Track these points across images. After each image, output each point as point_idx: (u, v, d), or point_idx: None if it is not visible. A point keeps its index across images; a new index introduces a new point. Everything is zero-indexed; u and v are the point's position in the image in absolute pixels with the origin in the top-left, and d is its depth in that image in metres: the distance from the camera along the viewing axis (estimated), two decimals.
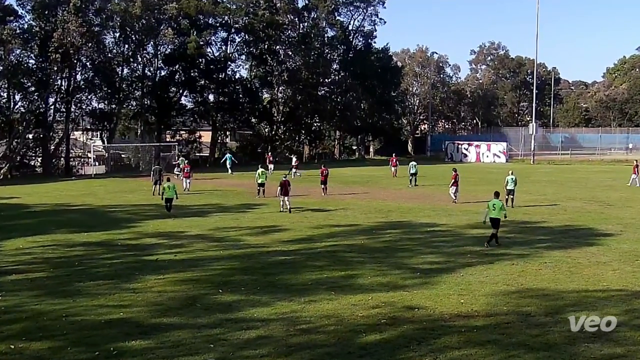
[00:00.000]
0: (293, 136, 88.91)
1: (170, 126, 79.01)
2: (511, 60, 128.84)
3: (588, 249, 21.07)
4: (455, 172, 35.02)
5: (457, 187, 34.41)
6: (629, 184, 43.93)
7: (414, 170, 44.07)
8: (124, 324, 13.24)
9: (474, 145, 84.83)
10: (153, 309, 14.36)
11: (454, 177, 34.56)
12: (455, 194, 34.33)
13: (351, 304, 14.62)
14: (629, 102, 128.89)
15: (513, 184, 32.45)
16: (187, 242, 22.95)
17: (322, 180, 38.40)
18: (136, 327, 13.07)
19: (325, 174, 38.47)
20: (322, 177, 38.45)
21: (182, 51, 71.61)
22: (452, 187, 34.44)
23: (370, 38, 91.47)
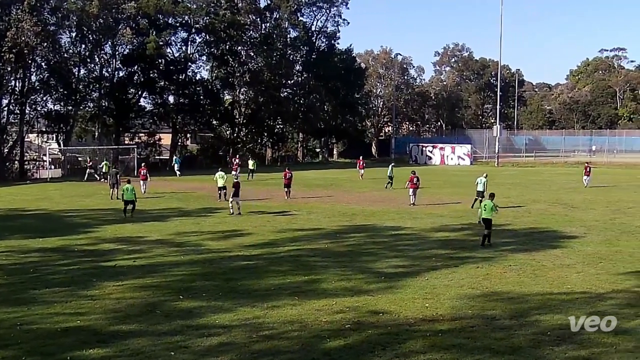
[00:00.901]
0: (255, 138, 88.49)
1: (129, 128, 77.83)
2: (475, 62, 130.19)
3: (552, 252, 21.13)
4: (413, 175, 34.93)
5: (415, 189, 34.31)
6: (585, 186, 44.62)
7: (390, 173, 43.85)
8: (80, 332, 12.83)
9: (439, 148, 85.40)
10: (111, 317, 13.95)
11: (411, 179, 34.52)
12: (413, 197, 34.30)
13: (315, 309, 14.39)
14: (592, 104, 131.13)
15: (482, 186, 32.50)
16: (147, 247, 22.49)
17: (285, 184, 37.96)
18: (94, 335, 12.67)
19: (288, 177, 38.07)
20: (286, 180, 38.00)
21: (141, 51, 70.64)
22: (410, 189, 34.34)
23: (333, 39, 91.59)
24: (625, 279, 17.26)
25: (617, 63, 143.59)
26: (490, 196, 23.17)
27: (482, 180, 32.70)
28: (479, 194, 32.22)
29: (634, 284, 16.64)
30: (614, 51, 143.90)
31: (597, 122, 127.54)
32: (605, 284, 16.69)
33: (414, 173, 35.41)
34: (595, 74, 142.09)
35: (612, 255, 20.52)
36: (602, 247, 21.92)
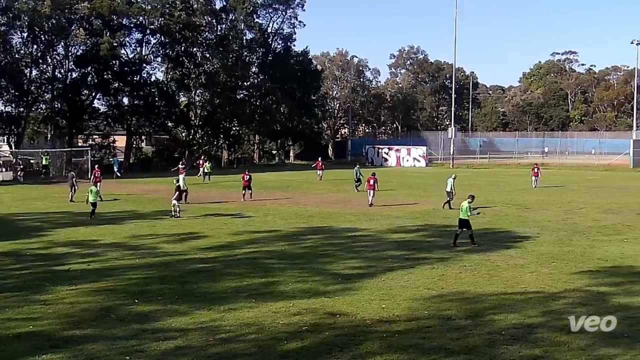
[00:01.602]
0: (211, 140, 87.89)
1: (83, 130, 76.57)
2: (430, 64, 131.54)
3: (506, 252, 21.43)
4: (371, 176, 35.17)
5: (372, 190, 34.59)
6: (534, 186, 45.39)
7: (357, 175, 43.82)
8: (33, 338, 12.58)
9: (394, 150, 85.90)
10: (65, 321, 13.71)
11: (368, 180, 34.91)
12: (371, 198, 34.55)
13: (272, 311, 14.35)
14: (544, 106, 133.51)
15: (450, 186, 33.31)
16: (101, 250, 22.16)
17: (244, 185, 37.84)
18: (47, 340, 12.44)
19: (247, 178, 37.98)
20: (244, 182, 37.85)
21: (94, 52, 69.55)
22: (368, 190, 34.55)
23: (289, 41, 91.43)
24: (577, 278, 17.58)
25: (568, 66, 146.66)
26: (470, 197, 23.38)
27: (450, 182, 33.20)
28: (447, 194, 32.73)
29: (586, 283, 16.97)
30: (565, 54, 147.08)
31: (550, 124, 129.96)
32: (558, 283, 16.98)
33: (373, 175, 35.66)
34: (547, 76, 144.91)
35: (565, 255, 20.89)
36: (555, 247, 22.29)
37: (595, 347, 11.96)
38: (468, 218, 22.61)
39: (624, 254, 21.02)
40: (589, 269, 18.78)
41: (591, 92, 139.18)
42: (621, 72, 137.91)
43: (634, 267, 19.11)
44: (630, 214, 31.59)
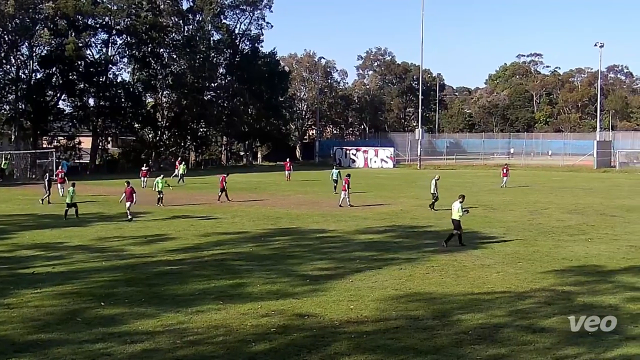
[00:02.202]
0: (178, 142, 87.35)
1: (47, 132, 75.59)
2: (397, 66, 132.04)
3: (473, 252, 21.60)
4: (347, 177, 35.51)
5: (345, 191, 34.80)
6: (502, 186, 45.86)
7: (335, 177, 43.60)
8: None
9: (362, 151, 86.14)
10: (30, 325, 13.52)
11: (346, 181, 35.06)
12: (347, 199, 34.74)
13: (240, 313, 14.31)
14: (510, 108, 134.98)
15: (433, 187, 33.62)
16: (67, 253, 21.89)
17: (221, 188, 37.63)
18: (11, 345, 12.28)
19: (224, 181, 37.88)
20: (222, 184, 37.67)
21: (59, 53, 68.71)
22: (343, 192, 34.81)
23: (257, 42, 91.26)
24: (543, 277, 17.80)
25: (533, 68, 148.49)
26: (460, 197, 23.60)
27: (433, 182, 33.45)
28: (432, 195, 33.25)
29: (552, 283, 17.18)
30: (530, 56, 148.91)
31: (515, 125, 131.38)
32: (524, 283, 17.17)
33: (348, 176, 36.00)
34: (512, 78, 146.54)
35: (530, 255, 21.13)
36: (521, 247, 22.53)
37: (560, 346, 12.12)
38: (460, 218, 22.80)
39: (588, 254, 21.32)
40: (555, 268, 19.02)
41: (556, 94, 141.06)
42: (585, 74, 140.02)
43: (598, 266, 19.40)
44: (594, 214, 32.08)
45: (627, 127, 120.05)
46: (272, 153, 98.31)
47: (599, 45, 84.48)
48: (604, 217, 31.04)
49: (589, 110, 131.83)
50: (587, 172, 69.00)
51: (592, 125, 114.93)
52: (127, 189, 30.44)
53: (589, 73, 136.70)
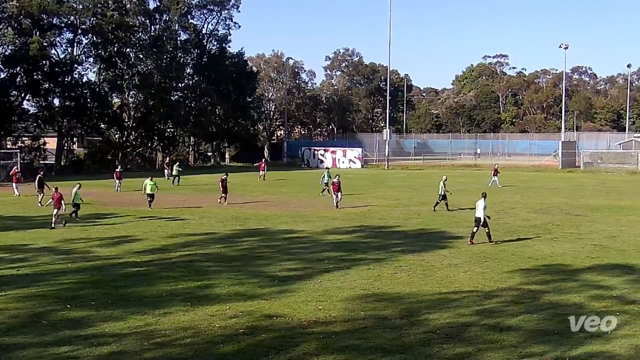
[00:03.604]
0: (145, 142, 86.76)
1: (12, 132, 74.69)
2: (365, 66, 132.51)
3: (440, 252, 21.73)
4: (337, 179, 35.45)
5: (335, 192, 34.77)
6: (489, 185, 46.10)
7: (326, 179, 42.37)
8: None
9: (330, 151, 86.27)
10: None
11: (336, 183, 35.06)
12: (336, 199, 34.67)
13: (208, 314, 14.24)
14: (476, 108, 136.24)
15: (441, 189, 33.38)
16: (32, 255, 21.57)
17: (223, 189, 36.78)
18: None
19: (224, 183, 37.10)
20: (224, 185, 36.86)
21: (23, 52, 67.84)
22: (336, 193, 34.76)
23: (224, 42, 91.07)
24: (509, 277, 17.97)
25: (499, 69, 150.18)
26: (484, 195, 24.05)
27: (441, 184, 33.47)
28: (441, 197, 33.29)
29: (518, 282, 17.34)
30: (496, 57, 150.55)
31: (482, 125, 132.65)
32: (491, 282, 17.32)
33: (337, 177, 36.01)
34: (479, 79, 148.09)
35: (497, 254, 21.31)
36: (487, 247, 22.70)
37: (526, 345, 12.24)
38: (481, 216, 23.17)
39: (554, 253, 21.58)
40: (521, 267, 19.21)
41: (521, 95, 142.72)
42: (550, 75, 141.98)
43: (564, 265, 19.65)
44: (560, 213, 32.48)
45: (591, 127, 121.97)
46: (240, 154, 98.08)
47: (564, 47, 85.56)
48: (569, 216, 31.45)
49: (554, 111, 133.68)
50: (553, 172, 69.84)
51: (557, 125, 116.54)
52: (55, 195, 28.47)
53: (554, 74, 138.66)
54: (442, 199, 33.44)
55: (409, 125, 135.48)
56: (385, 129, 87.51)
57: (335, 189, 34.96)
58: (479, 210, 23.47)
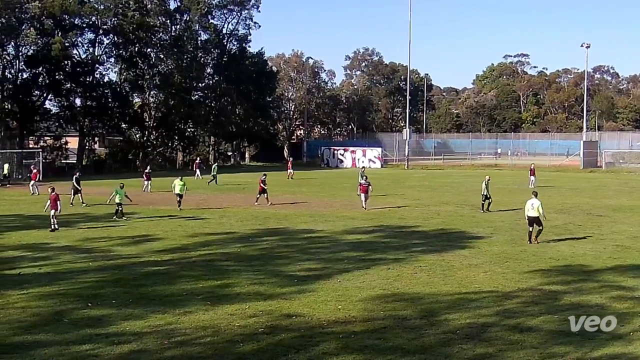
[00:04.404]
0: (166, 142, 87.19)
1: (34, 132, 75.44)
2: (385, 66, 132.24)
3: (461, 252, 21.63)
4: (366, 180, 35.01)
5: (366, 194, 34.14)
6: (530, 186, 45.69)
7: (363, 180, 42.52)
8: None
9: (350, 151, 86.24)
10: (16, 326, 13.41)
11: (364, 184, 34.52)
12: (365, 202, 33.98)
13: (228, 313, 14.27)
14: (497, 108, 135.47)
15: (484, 189, 32.96)
16: (53, 254, 21.74)
17: (260, 190, 36.41)
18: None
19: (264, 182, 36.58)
20: (261, 186, 36.40)
21: (46, 52, 68.43)
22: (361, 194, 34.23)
23: (244, 42, 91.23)
24: (530, 277, 17.85)
25: (520, 68, 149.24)
26: (534, 194, 24.25)
27: (483, 184, 33.11)
28: (484, 197, 32.86)
29: (539, 282, 17.23)
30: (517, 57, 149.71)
31: (502, 125, 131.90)
32: (511, 282, 17.21)
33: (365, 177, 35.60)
34: (500, 79, 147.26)
35: (517, 254, 21.19)
36: (508, 247, 22.60)
37: (547, 345, 12.15)
38: (538, 215, 23.15)
39: (575, 253, 21.41)
40: (541, 268, 19.07)
41: (543, 94, 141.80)
42: (572, 74, 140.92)
43: (585, 265, 19.48)
44: (581, 213, 32.23)
45: (613, 127, 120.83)
46: (259, 153, 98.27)
47: (586, 46, 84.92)
48: (590, 216, 31.21)
49: (575, 111, 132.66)
50: (574, 172, 69.32)
51: (579, 125, 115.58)
52: (51, 196, 27.42)
53: (576, 73, 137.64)
54: (485, 199, 32.96)
55: (429, 125, 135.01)
56: (405, 128, 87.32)
57: (363, 190, 34.37)
58: (531, 210, 23.39)
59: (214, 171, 53.62)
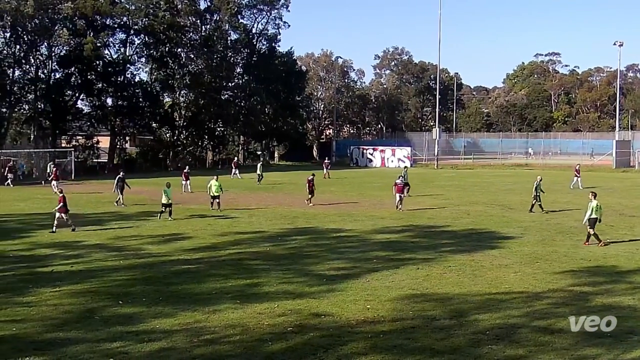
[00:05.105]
0: (196, 141, 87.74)
1: (66, 131, 76.33)
2: (415, 65, 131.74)
3: (490, 252, 21.49)
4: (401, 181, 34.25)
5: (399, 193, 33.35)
6: (572, 187, 45.25)
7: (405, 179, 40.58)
8: (16, 340, 12.49)
9: (379, 150, 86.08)
10: (48, 324, 13.62)
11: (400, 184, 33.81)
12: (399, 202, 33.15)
13: (257, 312, 14.32)
14: (528, 107, 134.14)
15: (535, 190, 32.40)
16: (85, 252, 22.01)
17: (310, 190, 35.92)
18: (30, 343, 12.35)
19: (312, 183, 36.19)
20: (311, 186, 35.96)
21: (78, 53, 69.29)
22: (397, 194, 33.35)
23: (274, 42, 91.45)
24: (561, 278, 17.68)
25: (551, 67, 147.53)
26: (593, 195, 24.00)
27: (534, 184, 32.65)
28: (535, 197, 32.28)
29: (570, 283, 17.05)
30: (548, 55, 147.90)
31: (533, 124, 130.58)
32: (542, 283, 17.06)
33: (400, 178, 34.59)
34: (531, 77, 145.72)
35: (548, 255, 20.99)
36: (539, 247, 22.40)
37: (578, 347, 12.03)
38: (597, 217, 23.05)
39: (606, 254, 21.14)
40: (572, 269, 18.89)
41: (574, 93, 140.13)
42: (604, 73, 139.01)
43: (617, 267, 19.25)
44: (613, 214, 31.76)
45: None
46: (289, 152, 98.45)
47: (618, 44, 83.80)
48: (623, 217, 30.81)
49: (607, 110, 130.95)
50: (606, 172, 68.43)
51: (611, 124, 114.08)
52: (60, 198, 27.21)
53: (608, 72, 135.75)
54: (536, 199, 32.43)
55: (459, 124, 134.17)
56: (434, 127, 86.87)
57: (398, 190, 33.50)
58: (593, 211, 23.16)
59: (260, 170, 53.95)
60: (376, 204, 35.85)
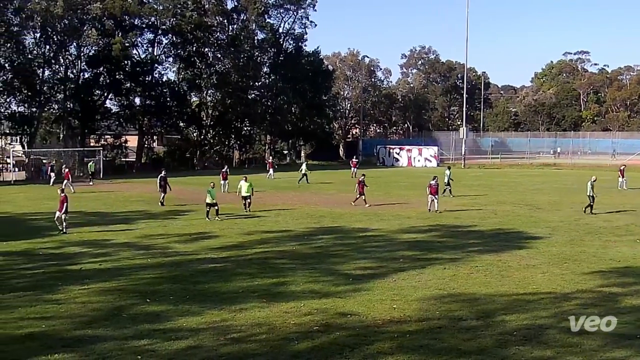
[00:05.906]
0: (223, 140, 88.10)
1: (95, 130, 77.01)
2: (442, 64, 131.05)
3: (518, 252, 21.34)
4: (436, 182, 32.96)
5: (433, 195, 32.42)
6: (619, 188, 44.67)
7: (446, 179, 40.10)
8: (45, 337, 12.65)
9: (406, 150, 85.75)
10: (77, 321, 13.79)
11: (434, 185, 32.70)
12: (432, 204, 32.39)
13: (283, 311, 14.37)
14: (556, 106, 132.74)
15: (589, 190, 31.63)
16: (113, 250, 22.25)
17: (360, 191, 35.04)
18: (59, 339, 12.52)
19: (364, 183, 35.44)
20: (361, 187, 35.09)
21: (106, 53, 69.86)
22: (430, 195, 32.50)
23: (300, 41, 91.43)
24: (589, 278, 17.50)
25: (580, 66, 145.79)
26: None
27: (589, 185, 31.86)
28: (589, 198, 31.52)
29: (598, 284, 16.88)
30: (577, 54, 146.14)
31: (562, 124, 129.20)
32: (570, 284, 16.90)
33: (435, 179, 33.27)
34: (559, 76, 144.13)
35: (577, 255, 20.79)
36: (567, 248, 22.19)
37: (607, 349, 11.90)
38: None
39: (636, 255, 20.90)
40: (601, 269, 18.68)
41: (604, 92, 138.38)
42: (634, 71, 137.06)
43: None
44: None
45: None
46: (315, 151, 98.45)
47: None
48: None
49: (638, 109, 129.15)
50: (637, 171, 67.50)
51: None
52: (61, 197, 26.78)
53: (638, 71, 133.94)
54: (591, 199, 31.59)
55: (486, 124, 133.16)
56: (461, 127, 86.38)
57: (433, 191, 32.40)
58: None
59: (305, 169, 53.58)
60: (403, 203, 35.73)
